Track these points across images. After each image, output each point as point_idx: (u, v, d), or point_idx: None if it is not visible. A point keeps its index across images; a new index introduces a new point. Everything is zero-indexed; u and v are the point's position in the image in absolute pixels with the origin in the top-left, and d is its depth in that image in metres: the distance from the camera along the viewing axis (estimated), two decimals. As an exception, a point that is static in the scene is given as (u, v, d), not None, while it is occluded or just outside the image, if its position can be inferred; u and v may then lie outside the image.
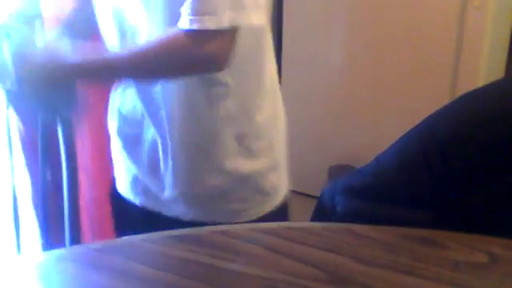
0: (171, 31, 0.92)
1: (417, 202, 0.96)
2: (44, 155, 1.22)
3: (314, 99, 2.65)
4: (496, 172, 0.92)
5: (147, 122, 1.06)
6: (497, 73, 2.42)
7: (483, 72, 2.25)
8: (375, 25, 2.41)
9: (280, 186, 1.16)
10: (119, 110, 1.11)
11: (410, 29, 2.33)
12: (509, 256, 0.82)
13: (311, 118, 2.68)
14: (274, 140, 1.13)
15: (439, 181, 0.94)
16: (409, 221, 0.91)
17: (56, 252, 0.82)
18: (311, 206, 1.09)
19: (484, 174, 0.92)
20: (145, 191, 1.13)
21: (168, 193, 1.08)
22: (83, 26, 1.12)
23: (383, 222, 0.89)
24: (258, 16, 0.92)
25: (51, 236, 1.32)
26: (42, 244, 1.37)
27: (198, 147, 1.05)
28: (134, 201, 1.15)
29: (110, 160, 1.19)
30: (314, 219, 1.08)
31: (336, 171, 2.59)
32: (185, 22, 0.89)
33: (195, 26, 0.88)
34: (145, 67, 0.97)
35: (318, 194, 1.11)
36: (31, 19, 1.11)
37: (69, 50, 0.98)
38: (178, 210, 1.10)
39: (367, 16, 2.41)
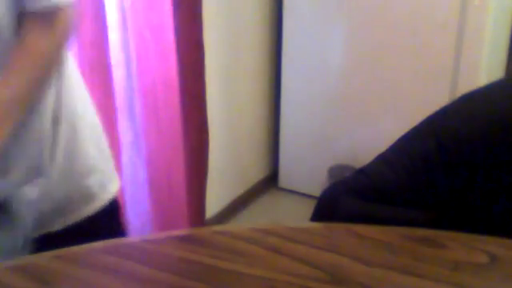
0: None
1: (417, 201, 0.96)
2: None
3: (314, 99, 2.65)
4: (496, 172, 0.92)
5: None
6: (497, 73, 2.42)
7: (483, 72, 2.25)
8: (375, 25, 2.41)
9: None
10: None
11: (410, 29, 2.33)
12: (509, 256, 0.82)
13: (311, 118, 2.68)
14: None
15: (439, 181, 0.94)
16: (409, 221, 0.91)
17: (56, 252, 0.82)
18: (311, 205, 1.09)
19: (484, 174, 0.92)
20: None
21: None
22: None
23: (383, 222, 0.89)
24: None
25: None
26: None
27: None
28: None
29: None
30: (313, 219, 1.08)
31: (336, 171, 2.59)
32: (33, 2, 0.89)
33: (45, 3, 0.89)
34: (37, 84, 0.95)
35: (318, 194, 1.11)
36: None
37: None
38: None
39: (367, 16, 2.41)
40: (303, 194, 2.74)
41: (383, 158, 1.03)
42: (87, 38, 1.63)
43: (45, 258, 0.82)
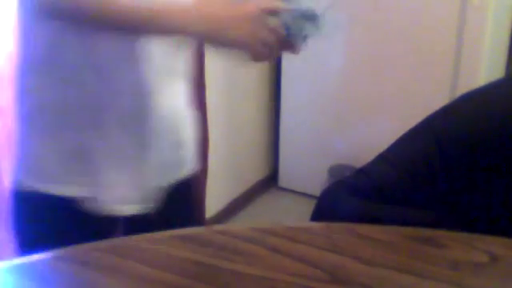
0: None
1: (417, 201, 0.96)
2: None
3: (314, 99, 2.65)
4: (496, 172, 0.92)
5: None
6: (497, 73, 2.41)
7: (483, 72, 2.25)
8: (375, 25, 2.41)
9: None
10: None
11: (409, 29, 2.33)
12: (509, 256, 0.82)
13: (311, 117, 2.68)
14: None
15: (440, 181, 0.94)
16: (409, 221, 0.91)
17: (56, 252, 0.82)
18: (311, 205, 1.09)
19: (484, 174, 0.92)
20: None
21: None
22: None
23: (384, 222, 0.89)
24: None
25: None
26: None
27: None
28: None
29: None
30: (314, 219, 1.08)
31: (336, 171, 2.59)
32: None
33: None
34: None
35: (318, 194, 1.11)
36: None
37: None
38: None
39: (367, 16, 2.41)
40: (303, 194, 2.74)
41: (383, 158, 1.03)
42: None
43: (45, 257, 0.82)
